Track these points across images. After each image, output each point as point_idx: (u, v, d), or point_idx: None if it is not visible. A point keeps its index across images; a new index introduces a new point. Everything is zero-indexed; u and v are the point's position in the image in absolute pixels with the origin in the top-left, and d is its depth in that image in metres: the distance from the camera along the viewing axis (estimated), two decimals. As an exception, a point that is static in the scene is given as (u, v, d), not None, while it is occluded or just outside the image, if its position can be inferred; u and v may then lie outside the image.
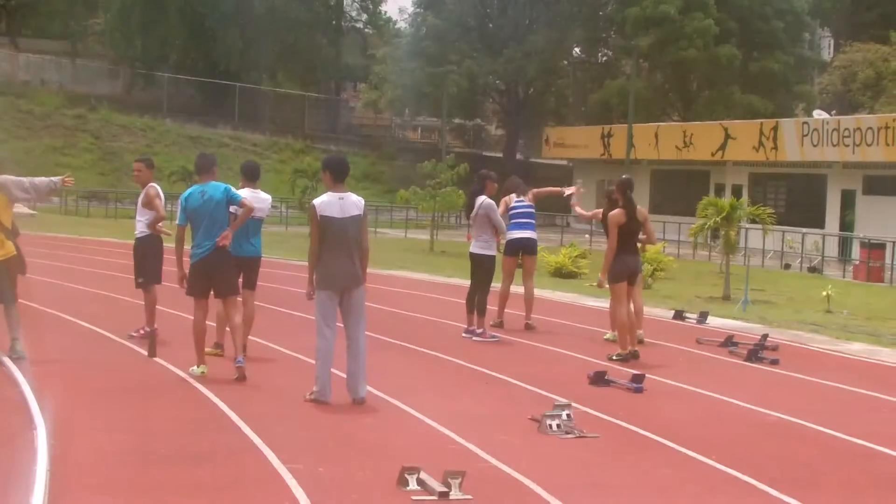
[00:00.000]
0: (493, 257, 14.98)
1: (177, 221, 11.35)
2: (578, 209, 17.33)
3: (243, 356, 11.17)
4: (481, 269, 14.93)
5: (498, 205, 15.24)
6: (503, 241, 15.44)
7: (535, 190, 16.34)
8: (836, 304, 20.86)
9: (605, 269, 13.64)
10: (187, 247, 11.21)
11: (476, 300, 14.81)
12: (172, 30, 60.00)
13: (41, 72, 61.38)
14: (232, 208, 11.28)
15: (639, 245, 14.33)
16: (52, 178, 12.48)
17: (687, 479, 8.01)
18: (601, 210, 15.06)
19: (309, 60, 65.03)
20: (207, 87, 61.19)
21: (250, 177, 12.49)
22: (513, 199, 15.67)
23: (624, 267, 13.52)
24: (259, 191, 12.48)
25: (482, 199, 14.88)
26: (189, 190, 11.39)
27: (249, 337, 12.26)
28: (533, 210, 15.77)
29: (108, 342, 13.33)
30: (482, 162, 56.01)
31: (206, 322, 11.29)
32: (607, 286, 13.72)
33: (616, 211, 13.65)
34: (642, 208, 13.86)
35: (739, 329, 16.52)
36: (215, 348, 12.23)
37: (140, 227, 13.37)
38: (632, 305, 13.68)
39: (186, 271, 11.32)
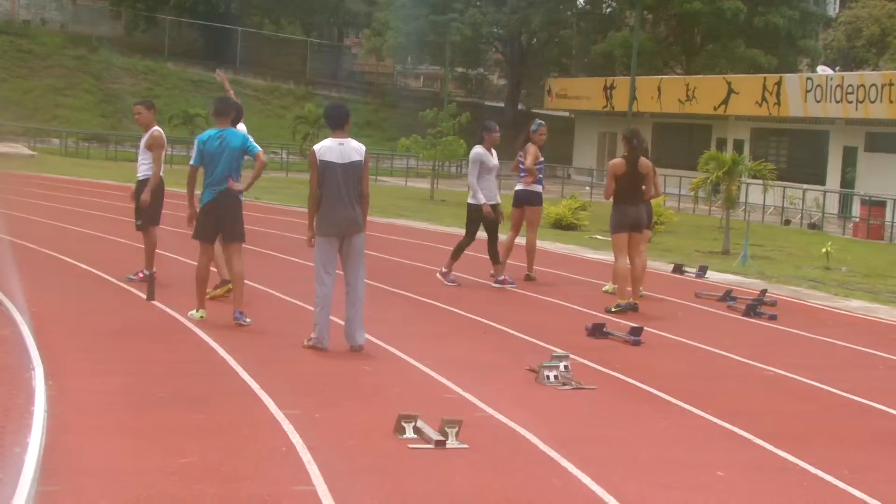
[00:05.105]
0: (473, 206, 14.88)
1: (191, 162, 11.25)
2: None
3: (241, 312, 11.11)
4: (471, 218, 14.99)
5: (525, 150, 15.23)
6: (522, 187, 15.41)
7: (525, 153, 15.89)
8: (835, 261, 20.86)
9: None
10: (198, 192, 11.18)
11: (489, 251, 14.86)
12: (172, -31, 59.57)
13: (42, 11, 60.94)
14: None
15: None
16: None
17: (683, 432, 8.03)
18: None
19: (310, 5, 64.53)
20: (209, 30, 60.83)
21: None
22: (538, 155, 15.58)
23: (624, 217, 13.44)
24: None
25: (473, 150, 14.96)
26: (207, 133, 11.21)
27: (248, 282, 12.23)
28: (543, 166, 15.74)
29: (106, 285, 13.32)
30: (484, 111, 55.86)
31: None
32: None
33: (616, 159, 13.66)
34: (648, 161, 13.73)
35: (738, 284, 16.52)
36: (223, 286, 12.24)
37: (142, 169, 13.29)
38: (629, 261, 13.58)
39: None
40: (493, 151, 15.04)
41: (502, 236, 15.40)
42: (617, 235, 13.54)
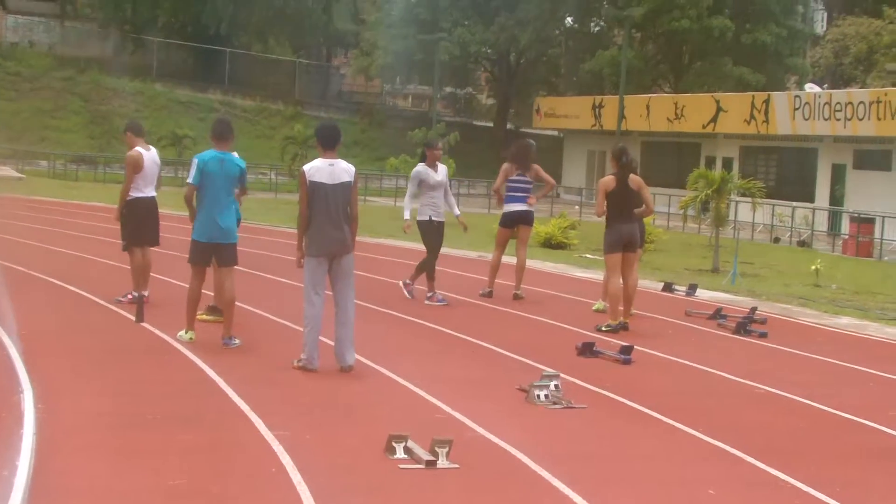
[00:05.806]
0: (421, 222, 15.22)
1: (189, 180, 11.09)
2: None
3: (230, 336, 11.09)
4: (424, 235, 15.30)
5: (534, 170, 15.47)
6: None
7: (539, 172, 15.88)
8: (824, 278, 20.89)
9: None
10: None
11: (423, 265, 15.18)
12: (161, -9, 59.56)
13: (30, 33, 60.84)
14: None
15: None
16: None
17: (674, 450, 8.02)
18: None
19: (299, 25, 64.54)
20: (198, 51, 60.79)
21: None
22: (513, 170, 15.52)
23: (618, 236, 13.41)
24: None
25: (415, 168, 15.26)
26: (207, 153, 11.10)
27: (238, 303, 12.20)
28: (530, 185, 15.67)
29: (95, 307, 13.27)
30: (473, 131, 55.97)
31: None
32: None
33: (606, 177, 13.68)
34: (637, 177, 13.71)
35: (728, 302, 16.53)
36: (211, 313, 12.17)
37: (130, 190, 13.22)
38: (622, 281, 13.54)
39: None
40: (440, 168, 15.10)
41: (487, 255, 15.39)
42: (611, 255, 13.50)
